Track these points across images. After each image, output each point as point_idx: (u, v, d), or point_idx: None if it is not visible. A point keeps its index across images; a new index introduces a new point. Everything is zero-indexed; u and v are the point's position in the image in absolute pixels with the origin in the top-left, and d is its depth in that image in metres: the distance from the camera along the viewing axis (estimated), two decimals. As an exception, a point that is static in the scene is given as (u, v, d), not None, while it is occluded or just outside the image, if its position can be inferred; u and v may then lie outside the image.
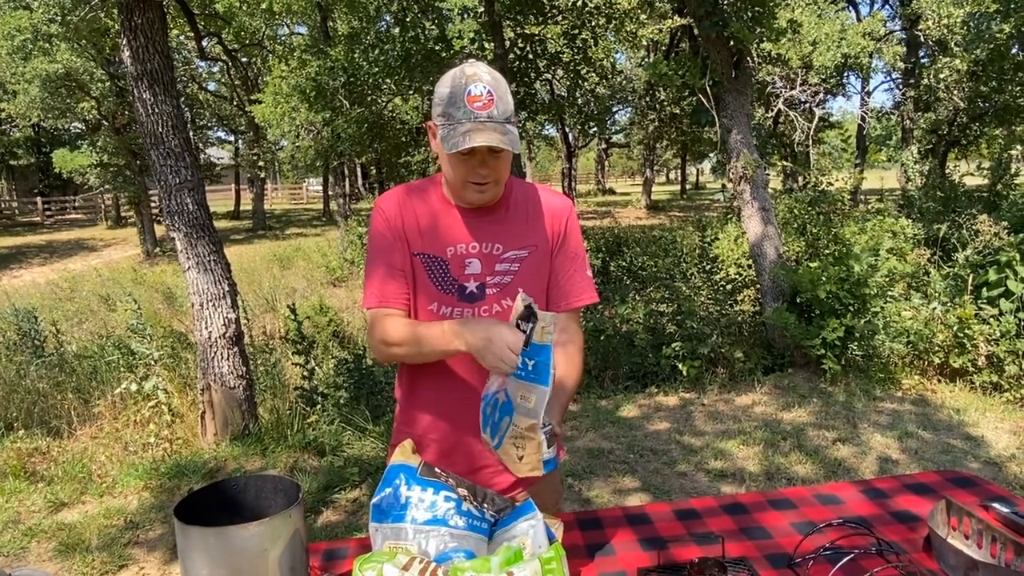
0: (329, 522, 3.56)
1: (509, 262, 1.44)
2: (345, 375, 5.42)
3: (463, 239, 1.43)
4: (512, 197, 1.48)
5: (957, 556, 1.30)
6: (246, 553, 1.08)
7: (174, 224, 4.43)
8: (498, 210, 1.45)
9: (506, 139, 1.28)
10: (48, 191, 29.56)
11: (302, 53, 14.30)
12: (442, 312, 1.43)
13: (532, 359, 1.19)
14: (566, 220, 1.51)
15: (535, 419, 1.17)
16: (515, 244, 1.45)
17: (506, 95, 1.33)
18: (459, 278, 1.43)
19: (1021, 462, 3.92)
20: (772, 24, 6.17)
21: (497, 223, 1.45)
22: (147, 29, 4.25)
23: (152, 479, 4.04)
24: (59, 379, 5.73)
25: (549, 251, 1.49)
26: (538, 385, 1.17)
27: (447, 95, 1.31)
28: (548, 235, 1.49)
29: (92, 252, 20.11)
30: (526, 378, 1.19)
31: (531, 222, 1.47)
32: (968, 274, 5.44)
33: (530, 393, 1.17)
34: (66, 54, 16.04)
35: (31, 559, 3.27)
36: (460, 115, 1.28)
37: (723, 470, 3.98)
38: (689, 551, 1.41)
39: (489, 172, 1.34)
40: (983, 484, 1.69)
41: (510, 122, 1.32)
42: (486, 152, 1.31)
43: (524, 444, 1.17)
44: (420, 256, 1.43)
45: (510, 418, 1.18)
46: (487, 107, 1.28)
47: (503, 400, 1.20)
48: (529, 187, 1.53)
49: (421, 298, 1.44)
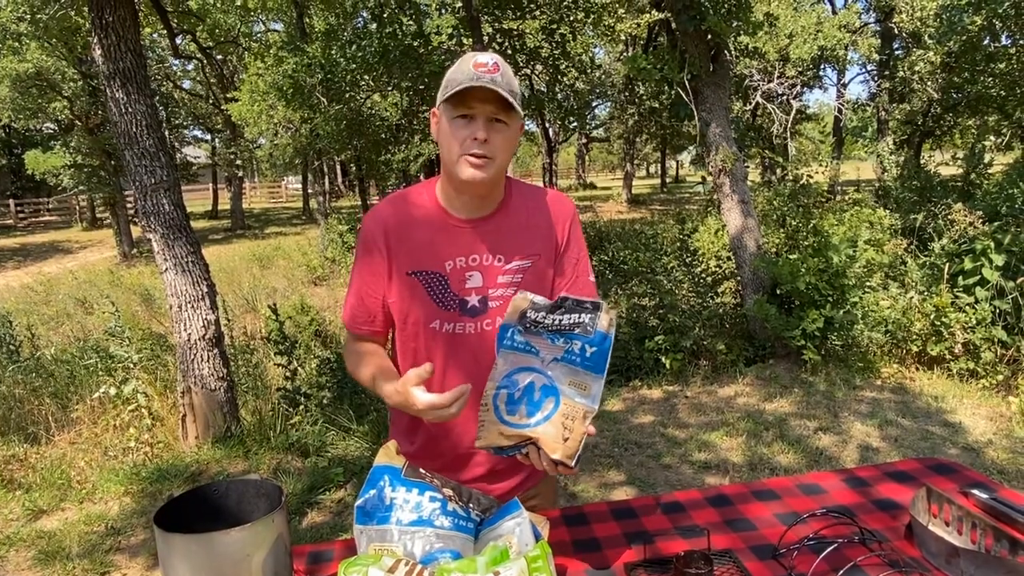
0: (314, 523, 3.55)
1: (512, 273, 1.38)
2: (328, 375, 5.39)
3: (462, 252, 1.36)
4: (512, 202, 1.41)
5: (938, 543, 1.32)
6: (228, 559, 1.07)
7: (150, 225, 4.37)
8: (498, 216, 1.39)
9: (509, 94, 1.22)
10: (20, 193, 29.06)
11: (278, 50, 14.14)
12: (444, 329, 1.38)
13: (594, 347, 1.17)
14: (569, 225, 1.45)
15: (595, 407, 1.16)
16: (517, 254, 1.38)
17: (511, 75, 1.28)
18: (460, 292, 1.37)
19: (998, 448, 3.99)
20: (749, 17, 6.20)
21: (497, 232, 1.38)
22: (119, 27, 4.19)
23: (133, 484, 4.00)
24: (35, 384, 5.64)
25: (553, 259, 1.43)
26: (597, 375, 1.17)
27: (454, 68, 1.28)
28: (552, 242, 1.43)
29: (67, 255, 19.80)
30: (582, 365, 1.17)
31: (533, 229, 1.41)
32: (944, 263, 5.51)
33: (588, 381, 1.16)
34: (36, 53, 15.75)
35: (10, 568, 3.22)
36: (464, 77, 1.22)
37: (707, 462, 4.01)
38: (675, 544, 1.41)
39: (488, 141, 1.25)
40: (962, 471, 1.70)
41: (515, 96, 1.25)
42: (487, 118, 1.25)
43: (574, 427, 1.15)
44: (417, 275, 1.36)
45: (557, 400, 1.16)
46: (492, 72, 1.23)
47: (543, 383, 1.18)
48: (531, 190, 1.46)
49: (419, 316, 1.38)
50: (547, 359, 1.19)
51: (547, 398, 1.17)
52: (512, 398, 1.18)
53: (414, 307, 1.38)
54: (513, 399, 1.18)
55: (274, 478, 4.02)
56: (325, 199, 17.63)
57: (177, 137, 26.48)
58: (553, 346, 1.19)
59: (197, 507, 1.23)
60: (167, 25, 6.70)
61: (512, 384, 1.19)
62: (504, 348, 1.21)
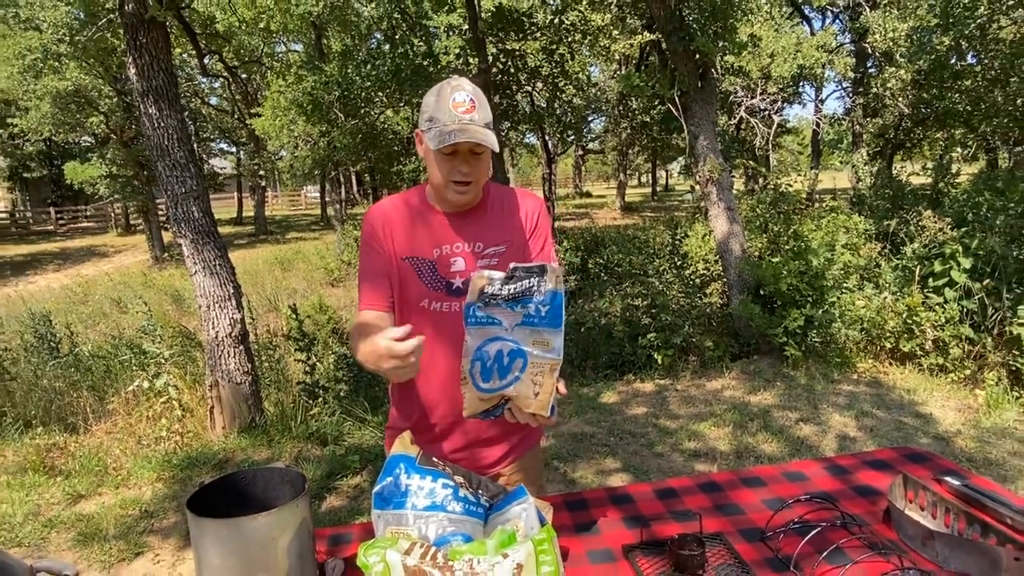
0: (333, 507, 3.54)
1: (489, 258, 1.47)
2: (344, 369, 5.39)
3: (447, 240, 1.46)
4: (490, 200, 1.52)
5: (914, 527, 1.31)
6: (256, 542, 1.07)
7: (181, 231, 4.38)
8: (478, 211, 1.49)
9: (486, 140, 1.33)
10: (60, 201, 29.09)
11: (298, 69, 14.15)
12: (433, 307, 1.46)
13: (546, 305, 1.21)
14: (537, 215, 1.55)
15: (559, 358, 1.19)
16: (494, 241, 1.48)
17: (485, 105, 1.38)
18: (446, 276, 1.46)
19: (966, 437, 3.98)
20: (734, 38, 6.19)
21: (477, 223, 1.48)
22: (152, 48, 4.20)
23: (165, 471, 4.01)
24: (74, 378, 5.65)
25: (524, 243, 1.52)
26: (555, 329, 1.20)
27: (433, 103, 1.37)
28: (522, 231, 1.53)
29: (103, 258, 19.83)
30: (540, 324, 1.21)
31: (507, 220, 1.51)
32: (915, 266, 5.50)
33: (548, 337, 1.20)
34: (75, 72, 15.78)
35: (51, 549, 3.22)
36: (445, 118, 1.33)
37: (697, 450, 4.01)
38: (669, 528, 1.41)
39: (470, 171, 1.38)
40: (935, 459, 1.70)
41: (489, 127, 1.36)
42: (468, 152, 1.36)
43: (543, 382, 1.19)
44: (409, 260, 1.46)
45: (524, 360, 1.19)
46: (469, 112, 1.34)
47: (509, 348, 1.21)
48: (505, 190, 1.56)
49: (413, 296, 1.46)
50: (509, 326, 1.23)
51: (515, 360, 1.20)
52: (485, 367, 1.22)
53: (408, 288, 1.46)
54: (486, 368, 1.22)
55: (295, 465, 4.02)
56: (342, 207, 17.65)
57: (205, 149, 26.48)
58: (512, 313, 1.23)
59: (226, 493, 1.23)
60: (196, 46, 6.71)
61: (483, 356, 1.22)
62: (470, 325, 1.26)
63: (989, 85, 9.69)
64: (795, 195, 8.82)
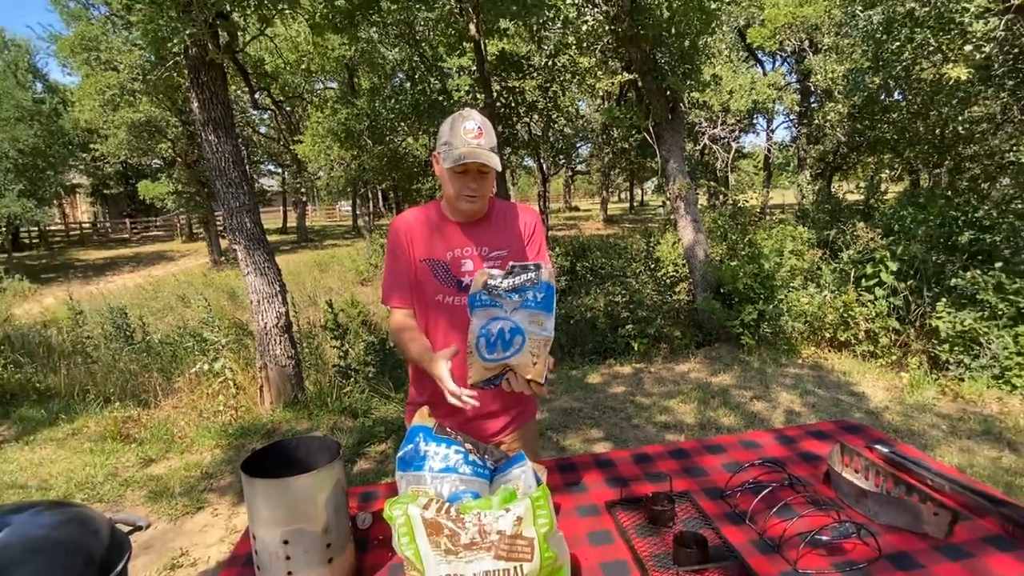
0: (362, 469, 3.55)
1: (493, 260, 1.49)
2: (372, 354, 5.39)
3: (459, 245, 1.47)
4: (495, 212, 1.53)
5: (850, 487, 1.31)
6: (299, 498, 1.07)
7: (235, 238, 4.38)
8: (484, 221, 1.50)
9: (490, 161, 1.35)
10: (134, 214, 29.05)
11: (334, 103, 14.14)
12: (447, 301, 1.47)
13: (541, 293, 1.25)
14: (534, 225, 1.55)
15: (551, 336, 1.22)
16: (497, 246, 1.49)
17: (491, 132, 1.40)
18: (457, 275, 1.47)
19: (893, 412, 3.97)
20: (699, 78, 6.18)
21: (484, 231, 1.49)
22: (211, 85, 4.19)
23: (222, 439, 4.01)
24: (146, 362, 5.66)
25: (523, 248, 1.53)
26: (548, 313, 1.24)
27: (448, 130, 1.39)
28: (520, 238, 1.53)
29: (170, 261, 19.81)
30: (536, 307, 1.24)
31: (508, 229, 1.52)
32: (850, 269, 5.50)
33: (543, 318, 1.23)
34: (147, 105, 15.76)
35: (127, 504, 3.23)
36: (458, 143, 1.35)
37: (667, 422, 4.00)
38: (645, 487, 1.41)
39: (477, 187, 1.40)
40: (867, 430, 1.70)
41: (494, 151, 1.38)
42: (476, 171, 1.38)
43: (539, 354, 1.21)
44: (426, 262, 1.46)
45: (523, 336, 1.21)
46: (477, 137, 1.36)
47: (510, 327, 1.23)
48: (507, 204, 1.57)
49: (429, 291, 1.47)
50: (509, 310, 1.25)
51: (515, 336, 1.22)
52: (490, 342, 1.23)
53: (426, 285, 1.47)
54: (491, 342, 1.23)
55: (331, 434, 4.02)
56: (370, 218, 17.64)
57: (255, 170, 26.37)
58: (512, 300, 1.25)
59: (274, 457, 1.23)
60: (248, 84, 6.69)
61: (488, 332, 1.24)
62: (476, 308, 1.28)
63: (912, 118, 9.67)
64: (750, 210, 8.81)
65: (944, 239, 5.26)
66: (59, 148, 17.49)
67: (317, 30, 6.49)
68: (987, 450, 3.37)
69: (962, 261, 5.02)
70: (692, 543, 1.13)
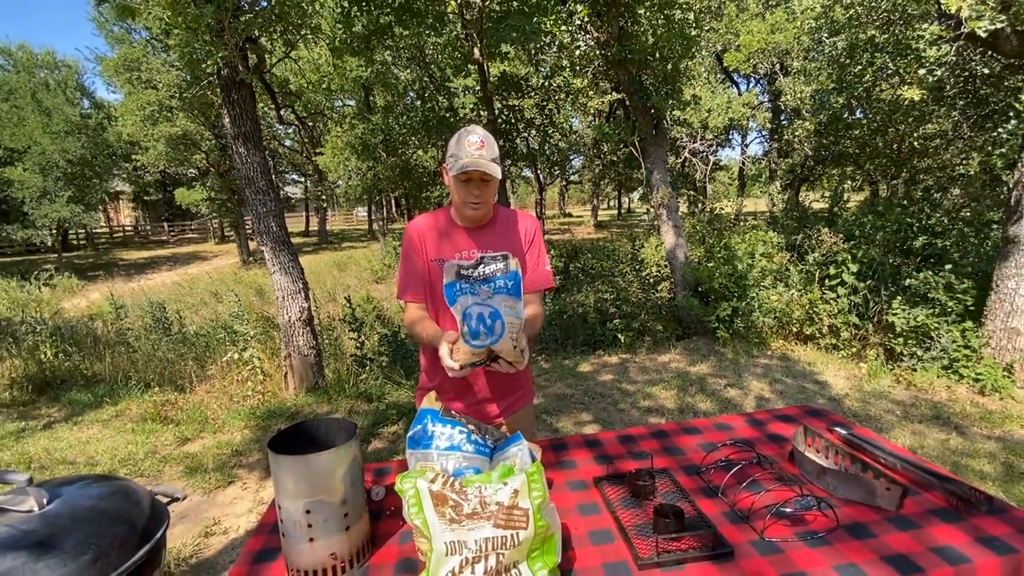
0: (376, 448, 3.55)
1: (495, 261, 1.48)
2: (386, 345, 5.40)
3: (465, 247, 1.47)
4: (497, 218, 1.53)
5: (812, 464, 1.32)
6: (320, 473, 1.07)
7: (263, 241, 4.37)
8: (488, 226, 1.50)
9: (491, 170, 1.36)
10: (172, 218, 29.03)
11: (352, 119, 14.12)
12: None
13: (511, 281, 1.29)
14: (533, 231, 1.55)
15: (523, 318, 1.23)
16: (499, 248, 1.48)
17: (493, 145, 1.40)
18: None
19: (852, 398, 3.98)
20: (680, 97, 6.17)
21: (488, 235, 1.49)
22: (241, 102, 4.19)
23: (250, 420, 4.01)
24: (182, 351, 5.66)
25: (522, 252, 1.52)
26: (517, 298, 1.24)
27: (454, 143, 1.39)
28: (520, 242, 1.53)
29: (204, 261, 19.79)
30: (508, 293, 1.27)
31: (509, 234, 1.52)
32: (815, 270, 5.50)
33: (514, 302, 1.23)
34: (183, 120, 15.76)
35: (165, 478, 3.23)
36: (462, 153, 1.36)
37: (650, 407, 4.01)
38: (628, 464, 1.42)
39: (480, 194, 1.40)
40: (829, 414, 1.71)
41: (496, 162, 1.38)
42: (479, 179, 1.39)
43: (519, 337, 1.20)
44: (437, 261, 1.47)
45: (502, 322, 1.20)
46: (480, 149, 1.36)
47: (489, 311, 1.22)
48: (509, 211, 1.57)
49: (439, 288, 1.46)
50: (485, 296, 1.25)
51: (495, 321, 1.21)
52: (472, 328, 1.22)
53: (436, 282, 1.46)
54: (473, 329, 1.22)
55: (348, 417, 4.03)
56: (384, 223, 17.61)
57: (281, 179, 26.36)
58: (486, 288, 1.27)
59: (297, 437, 1.23)
60: (275, 101, 6.69)
61: (468, 317, 1.23)
62: (458, 295, 1.29)
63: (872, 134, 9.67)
64: (726, 216, 8.81)
65: (900, 243, 5.27)
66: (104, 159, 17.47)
67: (337, 53, 6.47)
68: (936, 433, 3.38)
69: (916, 263, 5.03)
70: (670, 514, 1.14)
